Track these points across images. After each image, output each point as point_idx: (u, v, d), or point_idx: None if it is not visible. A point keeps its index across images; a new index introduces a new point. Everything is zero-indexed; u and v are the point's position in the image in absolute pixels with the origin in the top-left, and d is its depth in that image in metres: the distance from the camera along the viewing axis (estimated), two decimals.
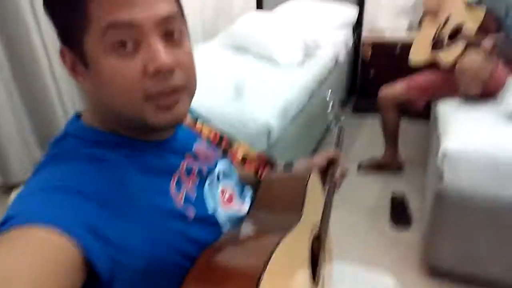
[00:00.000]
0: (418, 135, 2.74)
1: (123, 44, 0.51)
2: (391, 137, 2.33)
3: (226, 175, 0.73)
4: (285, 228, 0.59)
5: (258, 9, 3.43)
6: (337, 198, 0.92)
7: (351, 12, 3.09)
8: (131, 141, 0.59)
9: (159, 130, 0.59)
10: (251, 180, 0.83)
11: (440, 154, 1.59)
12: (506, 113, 1.60)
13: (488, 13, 1.84)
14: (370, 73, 3.03)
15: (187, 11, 0.59)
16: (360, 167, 2.44)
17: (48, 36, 2.15)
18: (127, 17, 0.50)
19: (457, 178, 1.55)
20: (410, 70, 2.19)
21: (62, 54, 0.56)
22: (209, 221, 0.62)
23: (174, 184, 0.60)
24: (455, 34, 1.96)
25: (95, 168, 0.53)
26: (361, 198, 2.24)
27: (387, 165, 2.38)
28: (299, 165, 0.96)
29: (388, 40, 2.90)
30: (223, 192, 0.70)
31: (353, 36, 3.17)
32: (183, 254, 0.56)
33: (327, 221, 0.85)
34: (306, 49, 2.46)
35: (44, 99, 2.24)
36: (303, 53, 2.43)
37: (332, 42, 2.82)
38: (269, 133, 1.84)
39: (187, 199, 0.60)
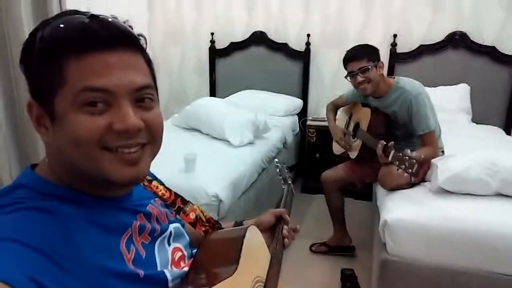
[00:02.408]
0: (365, 216, 2.87)
1: (93, 104, 0.53)
2: (337, 217, 2.42)
3: (177, 236, 0.73)
4: (216, 281, 0.63)
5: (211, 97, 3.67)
6: (289, 274, 0.92)
7: (297, 103, 3.42)
8: (85, 196, 0.59)
9: (120, 185, 0.59)
10: (200, 242, 0.83)
11: (380, 224, 1.70)
12: (433, 189, 1.78)
13: (375, 112, 2.14)
14: (316, 156, 3.25)
15: None
16: (311, 249, 2.48)
17: None
18: (103, 84, 0.53)
19: (397, 246, 1.65)
20: None
21: (29, 106, 0.57)
22: (158, 278, 0.63)
23: (124, 242, 0.60)
24: (357, 130, 2.26)
25: (44, 219, 0.52)
26: (312, 275, 2.25)
27: (338, 249, 2.43)
28: (249, 223, 0.97)
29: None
30: (173, 252, 0.70)
31: (299, 123, 3.45)
32: None
33: (275, 275, 0.86)
34: (256, 130, 2.62)
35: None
36: (253, 134, 2.59)
37: (280, 126, 3.05)
38: (219, 204, 1.86)
39: (136, 259, 0.60)
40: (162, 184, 0.80)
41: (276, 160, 1.44)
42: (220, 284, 0.62)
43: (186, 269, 0.69)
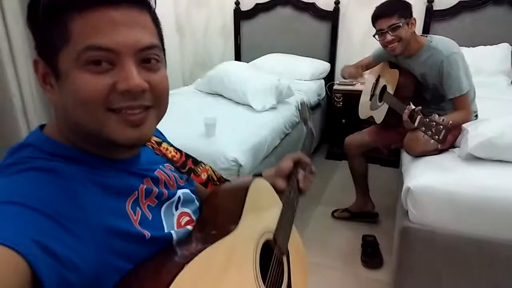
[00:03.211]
0: (391, 183, 2.80)
1: (98, 63, 0.52)
2: (360, 183, 2.37)
3: (186, 202, 0.72)
4: (217, 238, 0.61)
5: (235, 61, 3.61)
6: (310, 240, 0.87)
7: (324, 66, 3.30)
8: (92, 157, 0.58)
9: (123, 146, 0.58)
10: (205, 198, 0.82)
11: (403, 191, 1.64)
12: (463, 156, 1.68)
13: (404, 74, 2.00)
14: (342, 121, 3.16)
15: (167, 61, 0.62)
16: (333, 215, 2.45)
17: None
18: (108, 43, 0.51)
19: (420, 214, 1.58)
20: None
21: (35, 64, 0.57)
22: (165, 239, 0.62)
23: (130, 204, 0.59)
24: (383, 93, 2.13)
25: (49, 180, 0.51)
26: (333, 241, 2.24)
27: (361, 215, 2.39)
28: (268, 173, 0.93)
29: (358, 91, 3.06)
30: (180, 217, 0.69)
31: (325, 87, 3.34)
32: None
33: (287, 225, 0.83)
34: (279, 94, 2.56)
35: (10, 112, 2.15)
36: (275, 99, 2.53)
37: (305, 91, 2.96)
38: (239, 169, 1.86)
39: (142, 220, 0.60)
40: (172, 145, 0.79)
41: (298, 100, 1.35)
42: (219, 243, 0.61)
43: (190, 227, 0.68)
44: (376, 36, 1.92)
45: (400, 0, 1.90)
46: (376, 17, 1.88)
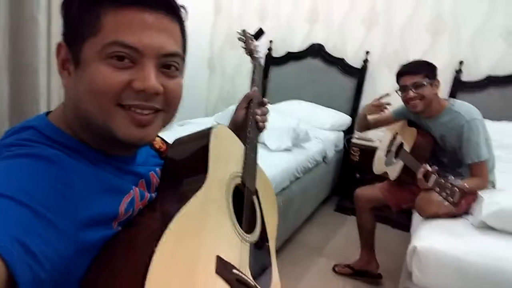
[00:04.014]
0: (400, 246, 2.68)
1: (120, 58, 0.54)
2: (366, 239, 2.28)
3: None
4: (189, 195, 0.61)
5: None
6: None
7: (345, 119, 3.31)
8: (90, 150, 0.58)
9: (125, 144, 0.58)
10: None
11: (409, 251, 1.56)
12: (476, 223, 1.60)
13: (422, 133, 1.98)
14: (356, 175, 3.10)
15: (194, 93, 0.65)
16: (334, 269, 2.34)
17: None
18: (135, 42, 0.53)
19: (425, 277, 1.50)
20: None
21: (58, 48, 0.58)
22: None
23: (126, 203, 0.59)
24: (399, 150, 2.10)
25: (42, 170, 0.50)
26: None
27: (363, 273, 2.28)
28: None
29: (375, 147, 3.03)
30: None
31: (344, 140, 3.33)
32: None
33: (252, 163, 0.83)
34: (296, 137, 2.57)
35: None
36: (291, 142, 2.53)
37: (323, 140, 2.96)
38: None
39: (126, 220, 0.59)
40: (158, 136, 0.79)
41: (238, 30, 1.27)
42: (192, 199, 0.60)
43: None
44: (399, 92, 1.93)
45: (426, 61, 1.93)
46: (401, 73, 1.91)
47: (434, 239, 1.55)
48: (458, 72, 3.01)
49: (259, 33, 1.29)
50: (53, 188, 0.49)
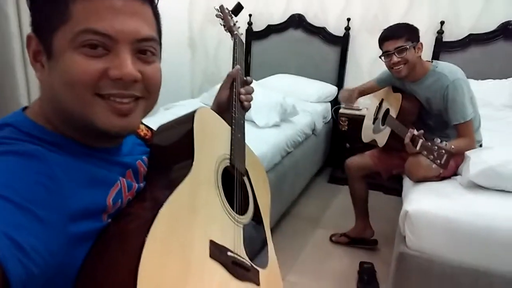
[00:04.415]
0: (393, 211, 2.74)
1: (93, 46, 0.52)
2: (360, 207, 2.32)
3: None
4: (177, 182, 0.60)
5: None
6: (306, 264, 0.86)
7: (331, 90, 3.31)
8: (73, 144, 0.57)
9: (107, 135, 0.57)
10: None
11: (401, 215, 1.60)
12: (464, 183, 1.64)
13: (407, 98, 1.99)
14: (346, 145, 3.13)
15: (177, 75, 0.62)
16: (331, 239, 2.39)
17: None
18: (106, 28, 0.51)
19: (418, 240, 1.53)
20: None
21: (28, 40, 0.56)
22: None
23: (113, 195, 0.58)
24: (386, 117, 2.11)
25: (26, 166, 0.49)
26: (330, 265, 2.17)
27: (359, 241, 2.33)
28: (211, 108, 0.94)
29: (363, 115, 3.04)
30: None
31: (332, 110, 3.33)
32: None
33: (240, 143, 0.83)
34: (283, 112, 2.56)
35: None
36: (279, 117, 2.52)
37: (310, 112, 2.96)
38: None
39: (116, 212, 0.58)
40: (142, 123, 0.78)
41: (215, 6, 1.26)
42: (181, 186, 0.59)
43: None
44: (382, 58, 1.92)
45: (408, 24, 1.91)
46: (384, 38, 1.89)
47: (425, 202, 1.58)
48: (440, 32, 3.00)
49: (238, 8, 1.26)
50: (37, 182, 0.48)
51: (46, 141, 0.54)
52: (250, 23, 3.58)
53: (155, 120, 0.78)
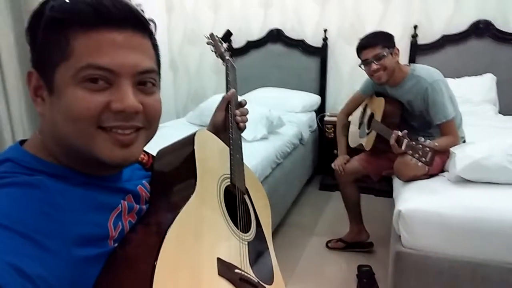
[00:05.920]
0: (385, 212, 2.76)
1: (94, 80, 0.53)
2: (353, 212, 2.35)
3: None
4: (180, 206, 0.61)
5: None
6: (305, 271, 0.87)
7: (314, 99, 3.36)
8: (74, 173, 0.57)
9: (110, 166, 0.58)
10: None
11: (394, 215, 1.62)
12: (452, 179, 1.68)
13: (389, 101, 2.04)
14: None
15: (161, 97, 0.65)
16: (328, 245, 2.41)
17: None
18: (108, 63, 0.52)
19: (413, 238, 1.56)
20: None
21: (29, 76, 0.57)
22: None
23: (113, 219, 0.59)
24: (371, 121, 2.17)
25: (29, 196, 0.50)
26: (328, 271, 2.18)
27: (355, 245, 2.35)
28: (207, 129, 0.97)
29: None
30: None
31: (317, 119, 3.38)
32: None
33: (239, 163, 0.85)
34: (270, 125, 2.59)
35: None
36: (266, 129, 2.55)
37: (296, 122, 3.00)
38: None
39: (120, 236, 0.59)
40: None
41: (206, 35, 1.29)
42: (185, 208, 0.61)
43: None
44: (362, 66, 1.97)
45: (383, 32, 1.98)
46: (361, 48, 1.95)
47: (416, 200, 1.61)
48: (414, 36, 3.10)
49: (227, 35, 1.31)
50: (39, 210, 0.49)
51: (47, 173, 0.55)
52: (229, 41, 3.63)
53: (147, 144, 0.79)
